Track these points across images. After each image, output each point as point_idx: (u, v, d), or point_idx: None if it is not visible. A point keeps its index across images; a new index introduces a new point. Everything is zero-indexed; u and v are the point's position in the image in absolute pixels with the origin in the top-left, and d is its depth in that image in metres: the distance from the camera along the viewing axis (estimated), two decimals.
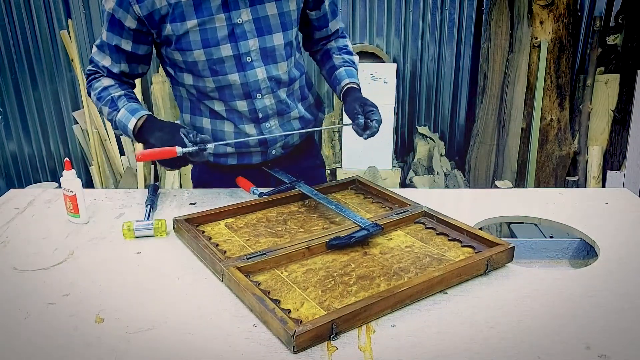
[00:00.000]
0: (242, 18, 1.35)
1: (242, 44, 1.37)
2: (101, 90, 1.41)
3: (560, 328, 0.94)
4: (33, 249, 1.25)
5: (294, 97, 1.54)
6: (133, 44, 1.38)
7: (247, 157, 1.56)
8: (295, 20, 1.44)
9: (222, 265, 1.08)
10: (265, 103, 1.46)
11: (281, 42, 1.41)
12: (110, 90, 1.41)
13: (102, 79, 1.43)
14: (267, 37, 1.39)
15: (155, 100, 3.35)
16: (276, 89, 1.46)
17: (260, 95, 1.44)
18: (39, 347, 0.90)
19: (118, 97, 1.40)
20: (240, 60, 1.39)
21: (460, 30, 3.44)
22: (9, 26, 3.30)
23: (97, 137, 3.39)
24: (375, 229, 1.22)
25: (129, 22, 1.33)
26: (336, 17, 1.59)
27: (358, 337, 0.91)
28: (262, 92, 1.44)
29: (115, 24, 1.34)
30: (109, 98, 1.40)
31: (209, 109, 1.47)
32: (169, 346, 0.90)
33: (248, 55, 1.38)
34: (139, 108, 1.39)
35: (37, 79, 3.43)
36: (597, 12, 3.35)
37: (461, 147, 3.67)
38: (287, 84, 1.49)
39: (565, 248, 1.41)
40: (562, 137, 3.39)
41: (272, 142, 1.53)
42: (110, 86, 1.42)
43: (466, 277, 1.09)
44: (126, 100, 1.40)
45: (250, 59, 1.39)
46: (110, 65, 1.41)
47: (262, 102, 1.45)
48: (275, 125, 1.51)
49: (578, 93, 3.41)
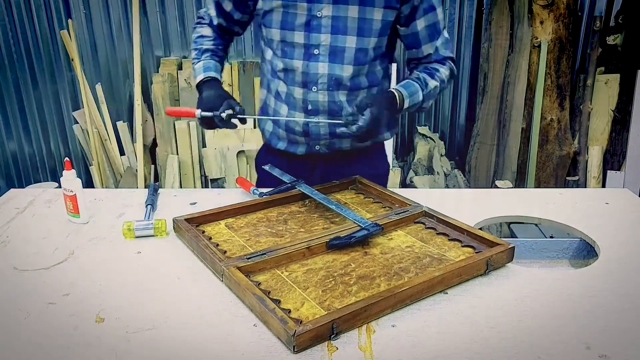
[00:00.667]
0: (322, 12, 1.41)
1: (314, 35, 1.43)
2: (198, 36, 1.62)
3: (560, 328, 0.94)
4: (33, 249, 1.25)
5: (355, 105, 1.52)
6: (232, 7, 1.56)
7: (294, 145, 1.60)
8: (376, 30, 1.43)
9: (222, 265, 1.08)
10: (318, 97, 1.49)
11: (353, 46, 1.43)
12: (204, 41, 1.61)
13: (205, 27, 1.62)
14: (340, 36, 1.42)
15: (156, 100, 3.35)
16: (334, 89, 1.48)
17: (315, 89, 1.48)
18: (39, 347, 0.90)
19: (205, 50, 1.60)
20: (308, 51, 1.44)
21: (460, 30, 3.44)
22: (9, 26, 3.30)
23: (97, 137, 3.39)
24: (375, 229, 1.22)
25: None
26: (433, 40, 1.49)
27: (358, 337, 0.91)
28: (318, 86, 1.47)
29: None
30: (200, 47, 1.61)
31: (275, 88, 1.56)
32: (169, 346, 0.90)
33: (317, 47, 1.44)
34: (212, 67, 1.57)
35: (37, 79, 3.43)
36: (597, 12, 3.35)
37: (461, 147, 3.67)
38: (349, 88, 1.48)
39: (565, 248, 1.41)
40: (562, 137, 3.39)
41: (315, 136, 1.54)
42: (206, 37, 1.62)
43: (466, 277, 1.09)
44: (209, 56, 1.59)
45: (317, 51, 1.44)
46: (213, 15, 1.60)
47: (315, 95, 1.49)
48: (323, 125, 1.52)
49: (578, 93, 3.41)
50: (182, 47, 3.42)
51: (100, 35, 3.37)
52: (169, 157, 3.39)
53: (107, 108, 3.41)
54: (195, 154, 3.42)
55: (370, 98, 1.40)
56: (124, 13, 3.33)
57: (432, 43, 1.50)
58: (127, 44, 3.38)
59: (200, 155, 3.43)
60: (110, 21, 3.35)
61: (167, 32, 3.39)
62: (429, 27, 1.46)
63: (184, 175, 3.42)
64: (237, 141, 3.39)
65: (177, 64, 3.39)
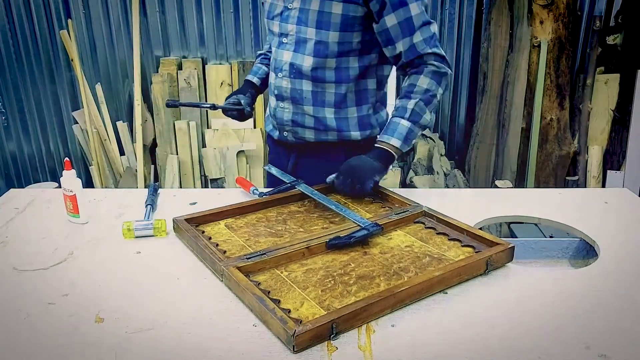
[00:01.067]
0: (293, 4, 1.49)
1: (283, 25, 1.52)
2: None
3: (560, 328, 0.94)
4: (33, 249, 1.25)
5: (323, 98, 1.53)
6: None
7: (273, 129, 1.70)
8: (336, 24, 1.43)
9: (222, 265, 1.08)
10: (282, 84, 1.57)
11: (313, 38, 1.47)
12: (265, 45, 1.83)
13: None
14: (303, 28, 1.48)
15: (155, 100, 3.35)
16: (296, 77, 1.53)
17: (280, 75, 1.56)
18: (39, 347, 0.90)
19: (259, 54, 1.84)
20: (279, 39, 1.55)
21: (460, 30, 3.44)
22: (9, 26, 3.29)
23: (97, 137, 3.39)
24: (375, 229, 1.22)
25: None
26: (406, 37, 1.42)
27: (358, 337, 0.91)
28: (282, 73, 1.56)
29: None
30: (260, 51, 1.86)
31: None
32: (169, 346, 0.90)
33: (286, 37, 1.53)
34: (257, 71, 1.80)
35: (37, 79, 3.43)
36: (597, 11, 3.35)
37: (461, 147, 3.66)
38: (312, 78, 1.51)
39: (565, 248, 1.41)
40: (562, 137, 3.39)
41: (280, 122, 1.62)
42: (267, 42, 1.78)
43: (466, 276, 1.09)
44: (259, 60, 1.83)
45: (285, 40, 1.53)
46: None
47: (279, 81, 1.57)
48: (289, 109, 1.58)
49: (578, 93, 3.41)
50: (181, 47, 3.42)
51: (100, 36, 3.37)
52: (169, 157, 3.39)
53: (106, 108, 3.41)
54: (195, 154, 3.42)
55: (345, 166, 1.44)
56: (124, 13, 3.33)
57: (405, 40, 1.43)
58: (127, 44, 3.38)
59: (200, 155, 3.43)
60: (109, 21, 3.35)
61: (167, 32, 3.38)
62: (401, 23, 1.41)
63: (183, 175, 3.42)
64: (237, 141, 3.39)
65: (176, 64, 3.39)
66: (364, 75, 1.53)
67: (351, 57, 1.49)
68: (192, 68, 3.37)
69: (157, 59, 3.42)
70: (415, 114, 1.44)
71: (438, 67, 1.45)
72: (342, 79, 1.51)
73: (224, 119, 3.42)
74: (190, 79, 3.35)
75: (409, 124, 1.44)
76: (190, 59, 3.41)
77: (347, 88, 1.52)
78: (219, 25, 3.36)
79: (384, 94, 1.64)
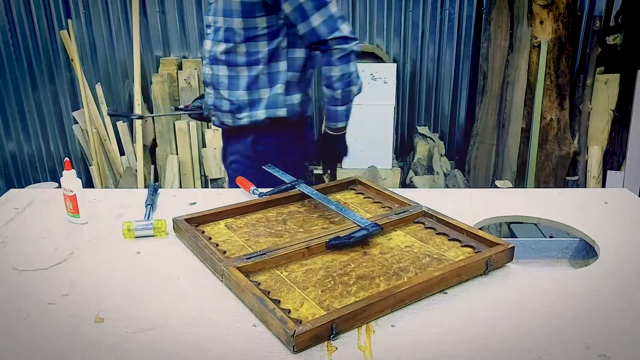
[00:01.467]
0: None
1: (206, 17, 1.69)
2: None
3: (560, 328, 0.94)
4: (33, 249, 1.25)
5: (237, 81, 1.66)
6: None
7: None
8: (238, 11, 1.56)
9: (222, 265, 1.08)
10: (205, 71, 1.74)
11: (221, 25, 1.61)
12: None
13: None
14: (216, 17, 1.62)
15: (155, 100, 3.35)
16: (215, 63, 1.67)
17: (204, 63, 1.73)
18: (39, 347, 0.90)
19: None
20: (206, 30, 1.71)
21: (460, 30, 3.44)
22: (9, 26, 3.30)
23: (97, 137, 3.39)
24: (375, 229, 1.22)
25: None
26: (305, 21, 1.53)
27: (358, 337, 0.91)
28: (205, 61, 1.72)
29: None
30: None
31: None
32: (169, 346, 0.90)
33: (208, 27, 1.69)
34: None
35: (37, 79, 3.43)
36: (597, 12, 3.35)
37: (461, 147, 3.67)
38: (226, 63, 1.64)
39: (565, 248, 1.41)
40: (562, 137, 3.39)
41: (207, 108, 1.78)
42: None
43: (466, 277, 1.09)
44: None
45: (208, 31, 1.69)
46: None
47: (205, 68, 1.74)
48: (211, 94, 1.73)
49: (578, 93, 3.41)
50: (181, 47, 3.42)
51: (100, 35, 3.37)
52: (169, 157, 3.39)
53: (107, 108, 3.41)
54: (195, 154, 3.42)
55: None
56: (124, 13, 3.33)
57: (303, 24, 1.54)
58: (127, 44, 3.38)
59: (200, 155, 3.43)
60: (109, 21, 3.35)
61: (167, 32, 3.38)
62: (296, 9, 1.52)
63: (183, 175, 3.42)
64: None
65: (176, 64, 3.39)
66: (275, 59, 1.63)
67: (260, 42, 1.61)
68: (192, 68, 3.37)
69: (157, 59, 3.42)
70: (345, 97, 1.63)
71: (342, 50, 1.56)
72: (252, 62, 1.63)
73: None
74: (190, 79, 3.35)
75: (343, 108, 1.65)
76: (191, 59, 3.41)
77: (259, 71, 1.63)
78: None
79: (300, 76, 1.69)
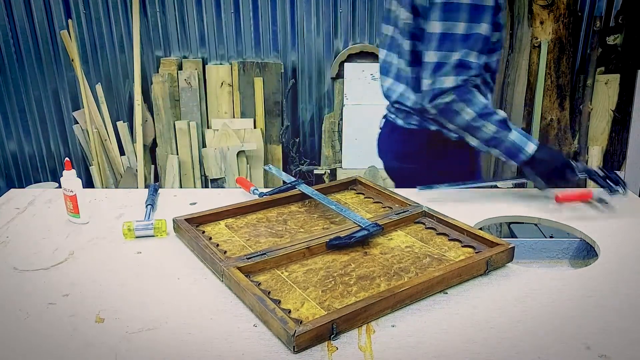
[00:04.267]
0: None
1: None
2: (484, 107, 1.41)
3: (560, 328, 0.94)
4: (33, 249, 1.25)
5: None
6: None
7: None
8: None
9: (222, 265, 1.08)
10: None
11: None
12: (491, 108, 1.43)
13: (475, 91, 1.41)
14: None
15: (155, 100, 3.35)
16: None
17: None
18: (39, 347, 0.90)
19: (506, 118, 1.43)
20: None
21: None
22: (9, 26, 3.30)
23: (97, 137, 3.39)
24: (375, 229, 1.22)
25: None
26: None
27: (358, 337, 0.91)
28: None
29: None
30: (499, 117, 1.41)
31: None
32: (169, 346, 0.90)
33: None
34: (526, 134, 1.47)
35: (37, 79, 3.43)
36: (597, 12, 3.35)
37: None
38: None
39: (565, 248, 1.41)
40: (562, 137, 3.39)
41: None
42: (487, 103, 1.43)
43: (466, 277, 1.09)
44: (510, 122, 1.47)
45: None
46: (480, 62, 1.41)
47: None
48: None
49: (578, 93, 3.41)
50: (182, 47, 3.42)
51: (100, 35, 3.37)
52: (169, 157, 3.39)
53: (107, 108, 3.41)
54: (195, 154, 3.42)
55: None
56: (124, 13, 3.33)
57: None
58: (127, 44, 3.38)
59: (200, 155, 3.43)
60: (109, 21, 3.35)
61: (167, 32, 3.39)
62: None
63: (184, 175, 3.42)
64: (237, 141, 3.39)
65: (177, 64, 3.39)
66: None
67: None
68: (193, 68, 3.37)
69: (158, 59, 3.43)
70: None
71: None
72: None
73: (224, 119, 3.42)
74: (190, 79, 3.35)
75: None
76: (191, 59, 3.41)
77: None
78: (220, 26, 3.36)
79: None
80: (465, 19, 1.33)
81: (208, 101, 3.44)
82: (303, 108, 3.56)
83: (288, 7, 3.33)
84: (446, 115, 1.43)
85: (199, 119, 3.41)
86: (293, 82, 3.48)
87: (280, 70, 3.40)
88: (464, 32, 1.34)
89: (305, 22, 3.36)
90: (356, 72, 3.26)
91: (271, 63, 3.38)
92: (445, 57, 1.36)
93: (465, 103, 1.39)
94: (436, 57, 1.37)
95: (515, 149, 1.42)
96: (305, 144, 3.64)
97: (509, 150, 1.43)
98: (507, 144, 1.42)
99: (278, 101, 3.44)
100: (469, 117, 1.40)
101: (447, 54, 1.35)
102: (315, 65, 3.45)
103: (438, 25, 1.35)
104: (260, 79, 3.36)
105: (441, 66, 1.37)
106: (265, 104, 3.41)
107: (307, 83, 3.51)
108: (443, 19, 1.34)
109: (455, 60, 1.36)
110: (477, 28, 1.34)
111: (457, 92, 1.38)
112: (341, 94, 3.39)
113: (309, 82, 3.50)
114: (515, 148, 1.42)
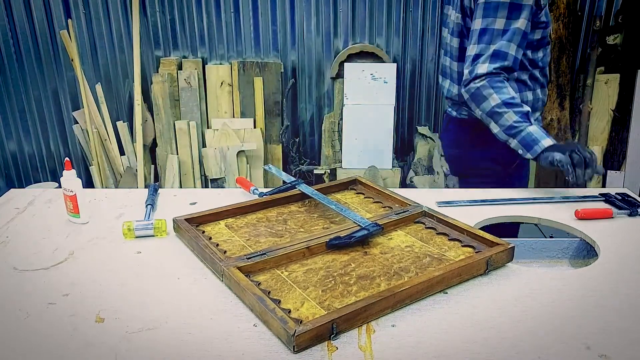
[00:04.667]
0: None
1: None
2: (511, 97, 1.51)
3: (560, 328, 0.94)
4: (33, 249, 1.25)
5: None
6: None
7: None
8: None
9: (222, 265, 1.08)
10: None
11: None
12: (518, 100, 1.52)
13: (507, 83, 1.53)
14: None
15: (155, 100, 3.35)
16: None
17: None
18: (39, 347, 0.90)
19: (529, 112, 1.52)
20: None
21: None
22: (9, 26, 3.29)
23: (97, 137, 3.39)
24: (375, 229, 1.22)
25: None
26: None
27: (358, 337, 0.91)
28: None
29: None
30: (522, 110, 1.51)
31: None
32: (169, 346, 0.90)
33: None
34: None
35: (37, 79, 3.43)
36: (597, 11, 3.35)
37: None
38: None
39: (565, 248, 1.41)
40: (562, 137, 3.39)
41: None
42: (515, 96, 1.53)
43: (466, 277, 1.09)
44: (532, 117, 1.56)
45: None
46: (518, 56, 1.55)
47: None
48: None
49: (578, 93, 3.41)
50: (182, 47, 3.42)
51: (100, 35, 3.37)
52: (169, 157, 3.39)
53: (106, 108, 3.41)
54: (195, 154, 3.42)
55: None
56: (124, 13, 3.33)
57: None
58: (127, 44, 3.38)
59: (200, 155, 3.43)
60: (109, 21, 3.35)
61: (167, 32, 3.38)
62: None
63: (184, 175, 3.42)
64: (237, 141, 3.39)
65: (177, 64, 3.39)
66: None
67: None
68: (193, 68, 3.37)
69: (157, 59, 3.42)
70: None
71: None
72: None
73: (224, 119, 3.42)
74: (190, 79, 3.35)
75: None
76: (191, 59, 3.41)
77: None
78: (219, 25, 3.36)
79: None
80: (503, 15, 1.47)
81: (208, 101, 3.44)
82: (303, 108, 3.56)
83: (288, 7, 3.33)
84: (475, 100, 1.54)
85: (199, 118, 3.40)
86: (293, 82, 3.48)
87: (280, 70, 3.40)
88: (502, 27, 1.48)
89: (305, 22, 3.36)
90: (356, 72, 3.27)
91: (271, 63, 3.38)
92: (484, 49, 1.51)
93: (493, 89, 1.50)
94: (476, 49, 1.52)
95: (532, 140, 1.49)
96: (305, 143, 3.64)
97: (525, 141, 1.50)
98: (524, 134, 1.50)
99: (278, 101, 3.44)
100: (494, 102, 1.50)
101: (485, 46, 1.50)
102: (315, 65, 3.45)
103: (479, 22, 1.50)
104: (260, 78, 3.36)
105: (479, 56, 1.51)
106: (265, 104, 3.41)
107: (307, 83, 3.51)
108: (483, 16, 1.49)
109: (492, 50, 1.50)
110: (515, 23, 1.48)
111: (488, 78, 1.50)
112: (341, 94, 3.39)
113: (308, 81, 3.50)
114: (532, 139, 1.49)
